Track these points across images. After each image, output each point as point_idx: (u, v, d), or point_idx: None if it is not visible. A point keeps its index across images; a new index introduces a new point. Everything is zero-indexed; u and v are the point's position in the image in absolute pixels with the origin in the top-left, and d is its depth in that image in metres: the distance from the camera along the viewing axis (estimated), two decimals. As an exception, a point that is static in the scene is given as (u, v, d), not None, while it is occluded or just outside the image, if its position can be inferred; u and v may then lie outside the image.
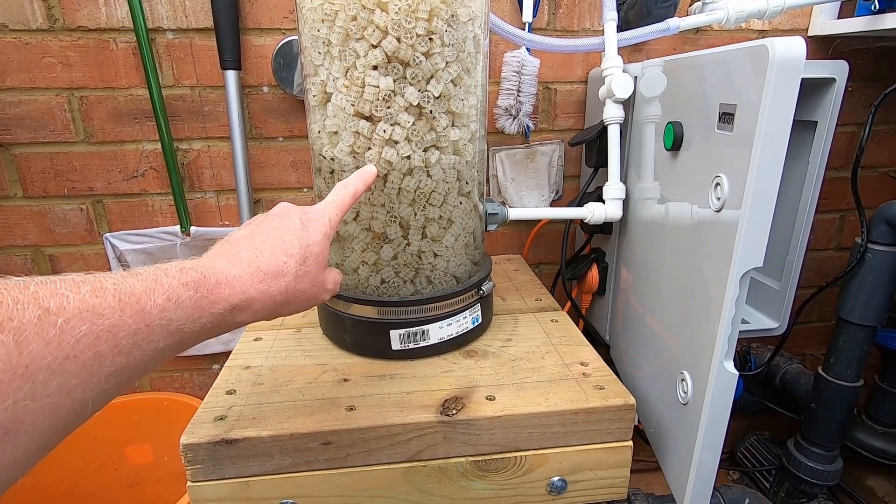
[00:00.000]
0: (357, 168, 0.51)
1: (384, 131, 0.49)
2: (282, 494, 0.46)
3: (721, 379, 0.44)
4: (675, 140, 0.51)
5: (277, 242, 0.36)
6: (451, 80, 0.49)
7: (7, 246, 0.81)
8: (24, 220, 0.80)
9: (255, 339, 0.60)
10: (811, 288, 0.79)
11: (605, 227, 0.73)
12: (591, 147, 0.71)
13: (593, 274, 0.77)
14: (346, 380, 0.52)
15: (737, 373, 0.43)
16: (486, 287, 0.58)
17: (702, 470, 0.51)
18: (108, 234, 0.81)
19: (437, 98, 0.49)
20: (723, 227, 0.43)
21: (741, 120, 0.39)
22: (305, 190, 0.84)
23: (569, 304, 0.80)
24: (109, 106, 0.75)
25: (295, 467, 0.45)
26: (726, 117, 0.41)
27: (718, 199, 0.43)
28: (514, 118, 0.78)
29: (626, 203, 0.68)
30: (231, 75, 0.73)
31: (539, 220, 0.87)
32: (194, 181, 0.81)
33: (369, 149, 0.50)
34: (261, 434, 0.44)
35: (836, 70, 0.65)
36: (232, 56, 0.71)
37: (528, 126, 0.80)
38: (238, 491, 0.45)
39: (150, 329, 0.27)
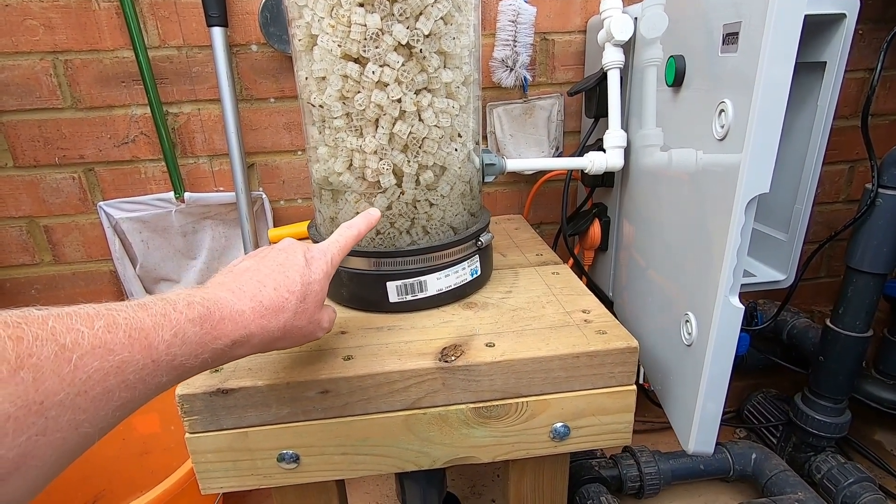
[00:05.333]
0: (347, 114, 0.50)
1: (373, 73, 0.47)
2: (281, 444, 0.45)
3: (727, 314, 0.42)
4: (677, 74, 0.49)
5: (281, 278, 0.37)
6: (442, 18, 0.47)
7: (1, 217, 0.80)
8: (17, 191, 0.79)
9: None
10: (819, 243, 0.77)
11: (607, 179, 0.71)
12: (591, 96, 0.68)
13: (595, 229, 0.76)
14: (343, 332, 0.51)
15: (742, 307, 0.41)
16: (484, 238, 0.57)
17: (706, 414, 0.50)
18: (101, 203, 0.80)
19: (427, 37, 0.47)
20: (727, 156, 0.41)
21: (746, 35, 0.37)
22: (300, 153, 0.82)
23: (571, 261, 0.79)
24: (95, 70, 0.74)
25: (293, 417, 0.45)
26: (730, 38, 0.39)
27: (722, 126, 0.41)
28: (511, 70, 0.75)
29: (627, 153, 0.66)
30: (217, 32, 0.70)
31: (539, 178, 0.85)
32: (186, 146, 0.79)
33: (359, 92, 0.48)
34: (257, 384, 0.43)
35: (847, 5, 0.62)
36: (217, 11, 0.69)
37: (525, 78, 0.77)
38: (236, 441, 0.45)
39: (155, 364, 0.27)
